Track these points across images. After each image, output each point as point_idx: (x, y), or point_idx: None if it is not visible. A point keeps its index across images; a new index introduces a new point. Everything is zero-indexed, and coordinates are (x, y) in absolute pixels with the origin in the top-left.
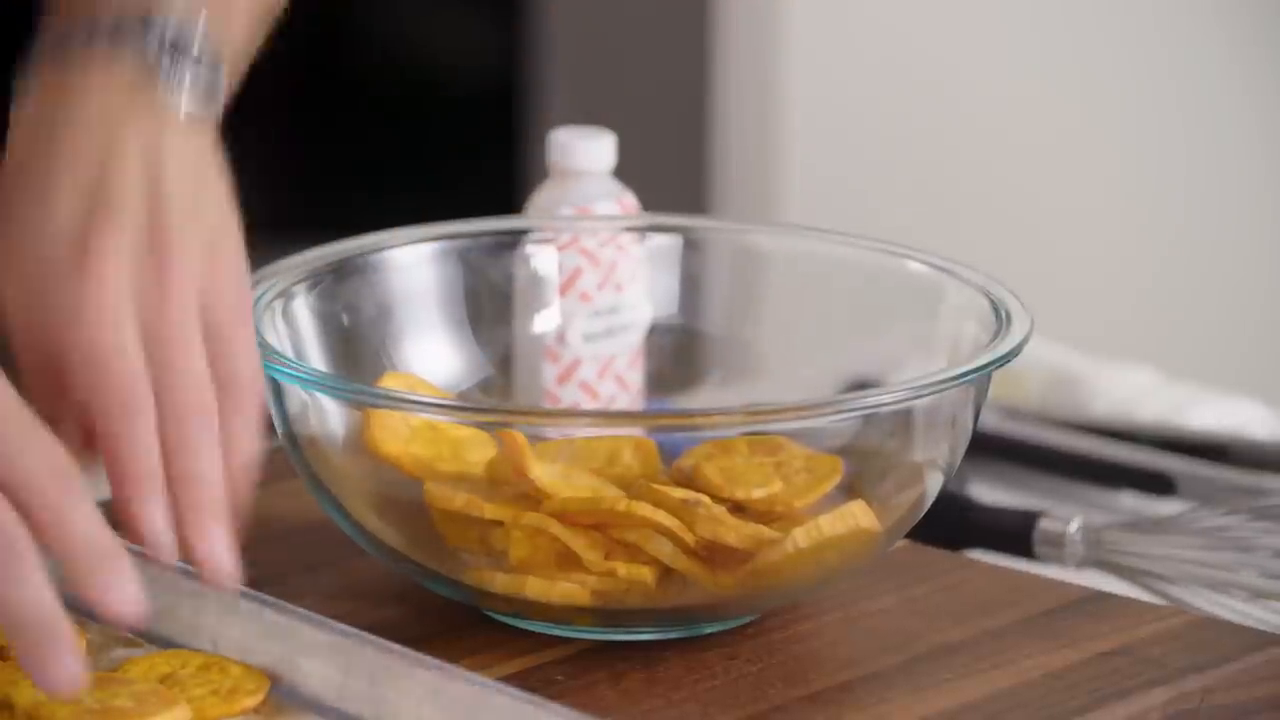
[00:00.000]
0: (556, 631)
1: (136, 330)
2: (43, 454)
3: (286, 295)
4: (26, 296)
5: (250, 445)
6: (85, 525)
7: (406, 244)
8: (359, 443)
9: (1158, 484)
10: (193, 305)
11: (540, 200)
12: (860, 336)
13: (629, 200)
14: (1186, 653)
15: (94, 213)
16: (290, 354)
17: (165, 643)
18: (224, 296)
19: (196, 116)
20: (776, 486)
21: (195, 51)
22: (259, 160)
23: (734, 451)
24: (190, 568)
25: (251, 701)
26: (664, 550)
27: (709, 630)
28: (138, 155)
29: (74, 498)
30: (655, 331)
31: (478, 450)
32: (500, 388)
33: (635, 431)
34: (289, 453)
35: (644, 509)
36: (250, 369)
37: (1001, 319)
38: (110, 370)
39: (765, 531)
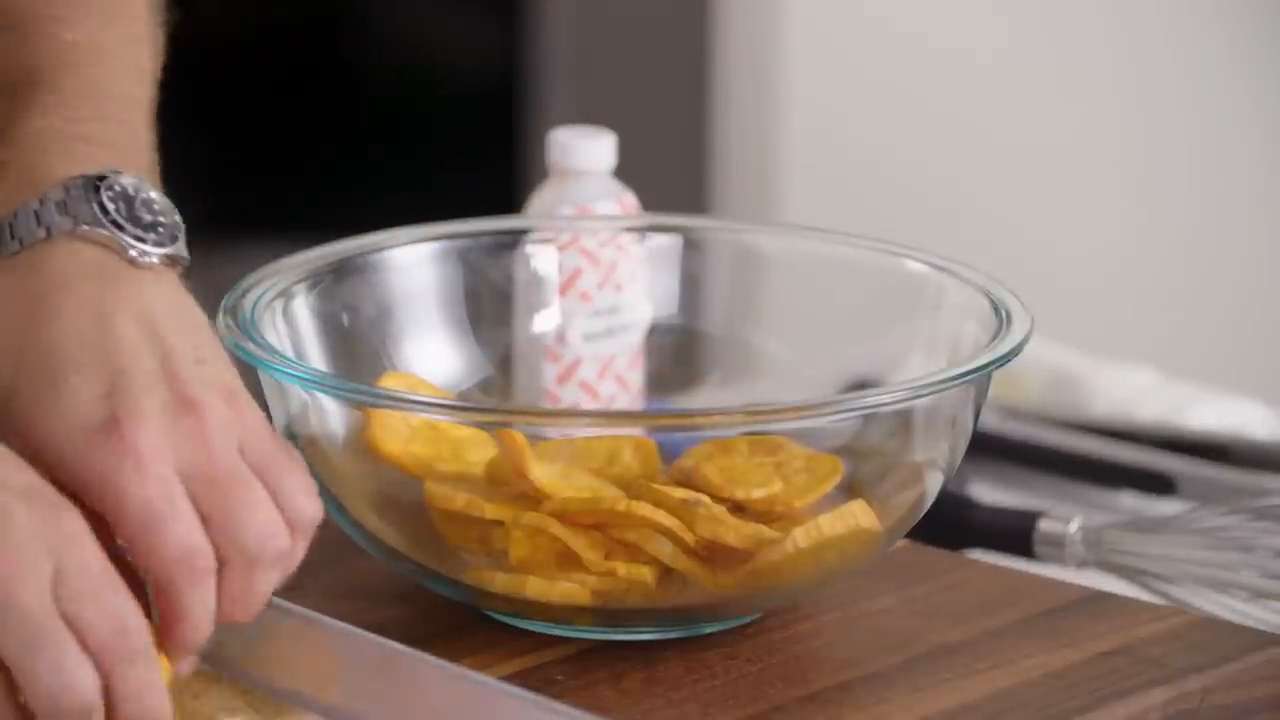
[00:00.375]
0: (556, 631)
1: (183, 489)
2: (110, 612)
3: (286, 295)
4: (58, 479)
5: (299, 557)
6: (145, 691)
7: (406, 244)
8: (359, 443)
9: (1158, 484)
10: (236, 452)
11: (540, 200)
12: (860, 336)
13: (629, 200)
14: (1186, 653)
15: (114, 388)
16: (290, 354)
17: None
18: (261, 439)
19: (170, 257)
20: (776, 486)
21: (150, 195)
22: (259, 160)
23: (734, 451)
24: None
25: None
26: (664, 550)
27: (709, 630)
28: (133, 324)
29: (137, 663)
30: (655, 331)
31: (478, 450)
32: (500, 388)
33: (635, 431)
34: None
35: (644, 509)
36: (314, 505)
37: (1001, 319)
38: (168, 533)
39: (765, 531)
